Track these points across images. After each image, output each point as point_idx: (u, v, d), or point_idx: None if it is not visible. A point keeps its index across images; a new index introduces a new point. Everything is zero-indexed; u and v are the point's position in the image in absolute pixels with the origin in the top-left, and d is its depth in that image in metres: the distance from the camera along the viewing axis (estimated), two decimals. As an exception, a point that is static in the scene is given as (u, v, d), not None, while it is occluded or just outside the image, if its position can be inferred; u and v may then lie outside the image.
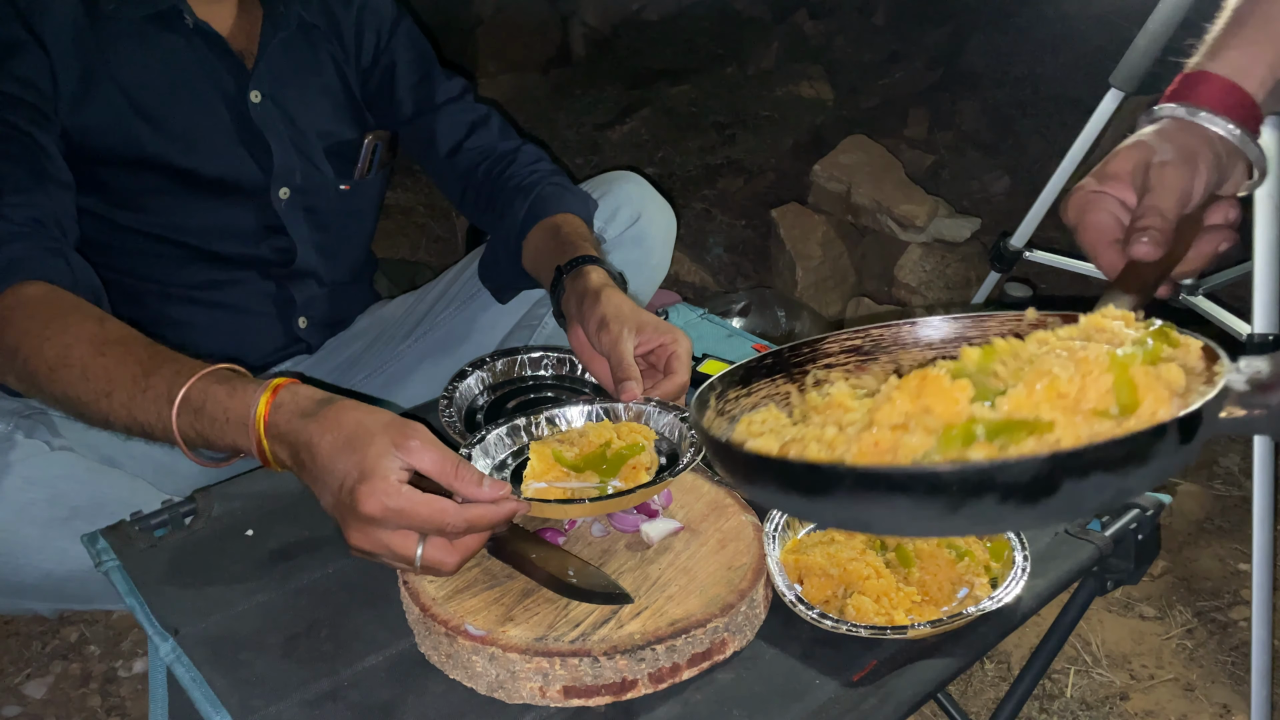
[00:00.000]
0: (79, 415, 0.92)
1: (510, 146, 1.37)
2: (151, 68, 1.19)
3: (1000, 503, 0.54)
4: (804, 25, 3.79)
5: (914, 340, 0.81)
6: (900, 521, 0.61)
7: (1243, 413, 0.59)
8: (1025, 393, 0.60)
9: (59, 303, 0.96)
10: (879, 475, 0.57)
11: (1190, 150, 0.81)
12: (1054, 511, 0.56)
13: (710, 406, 0.74)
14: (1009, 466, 0.54)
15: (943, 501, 0.54)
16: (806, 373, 0.80)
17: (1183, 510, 1.79)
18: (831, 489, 0.58)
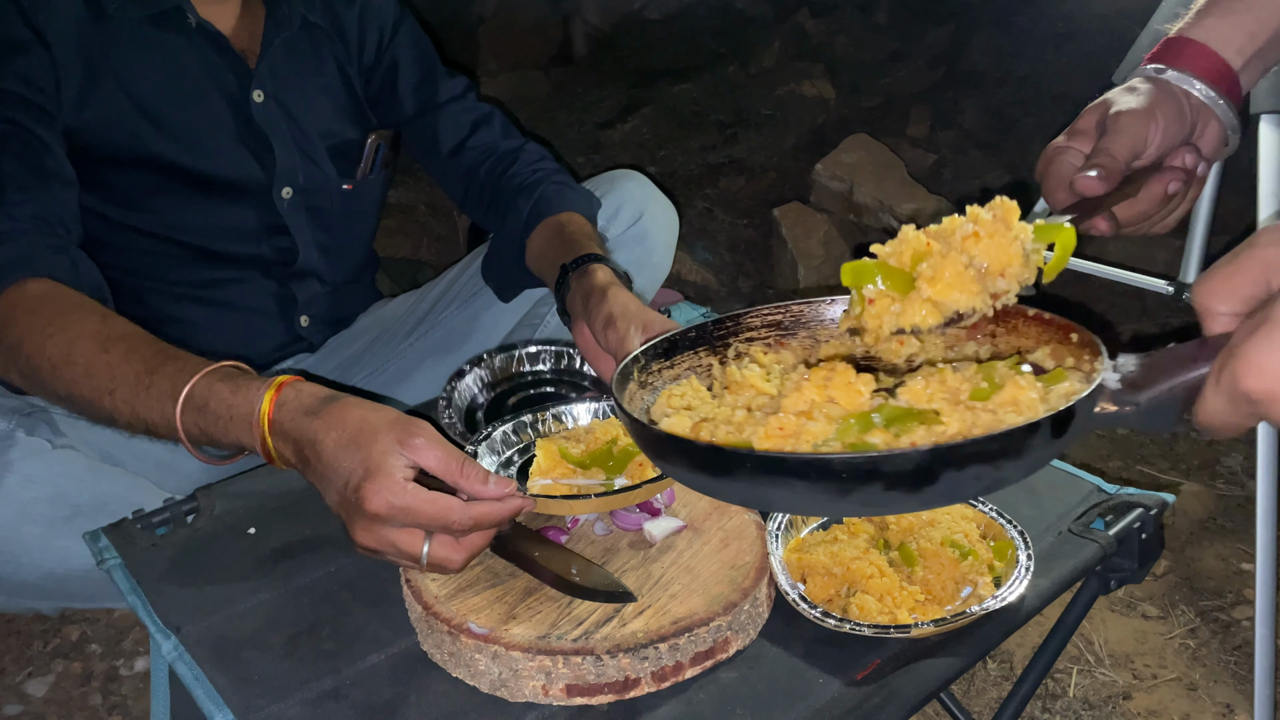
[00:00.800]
0: (82, 412, 0.92)
1: (513, 145, 1.37)
2: (154, 67, 1.19)
3: (886, 490, 0.58)
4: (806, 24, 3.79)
5: (832, 318, 0.84)
6: (796, 502, 0.66)
7: (1114, 409, 0.62)
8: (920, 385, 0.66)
9: (63, 300, 0.96)
10: (776, 460, 0.61)
11: (1151, 102, 0.83)
12: (935, 497, 0.60)
13: (633, 379, 0.76)
14: (892, 458, 0.58)
15: (834, 486, 0.59)
16: (729, 345, 0.83)
17: (1186, 510, 1.78)
18: (734, 471, 0.61)
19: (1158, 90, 0.85)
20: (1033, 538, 0.84)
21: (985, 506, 0.87)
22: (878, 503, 0.60)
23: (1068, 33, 3.28)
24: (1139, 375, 0.62)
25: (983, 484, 0.61)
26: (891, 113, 3.27)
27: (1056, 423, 0.59)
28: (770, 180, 3.07)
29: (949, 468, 0.58)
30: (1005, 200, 0.75)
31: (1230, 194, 1.70)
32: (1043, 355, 0.75)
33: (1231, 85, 0.85)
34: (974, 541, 0.84)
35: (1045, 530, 0.89)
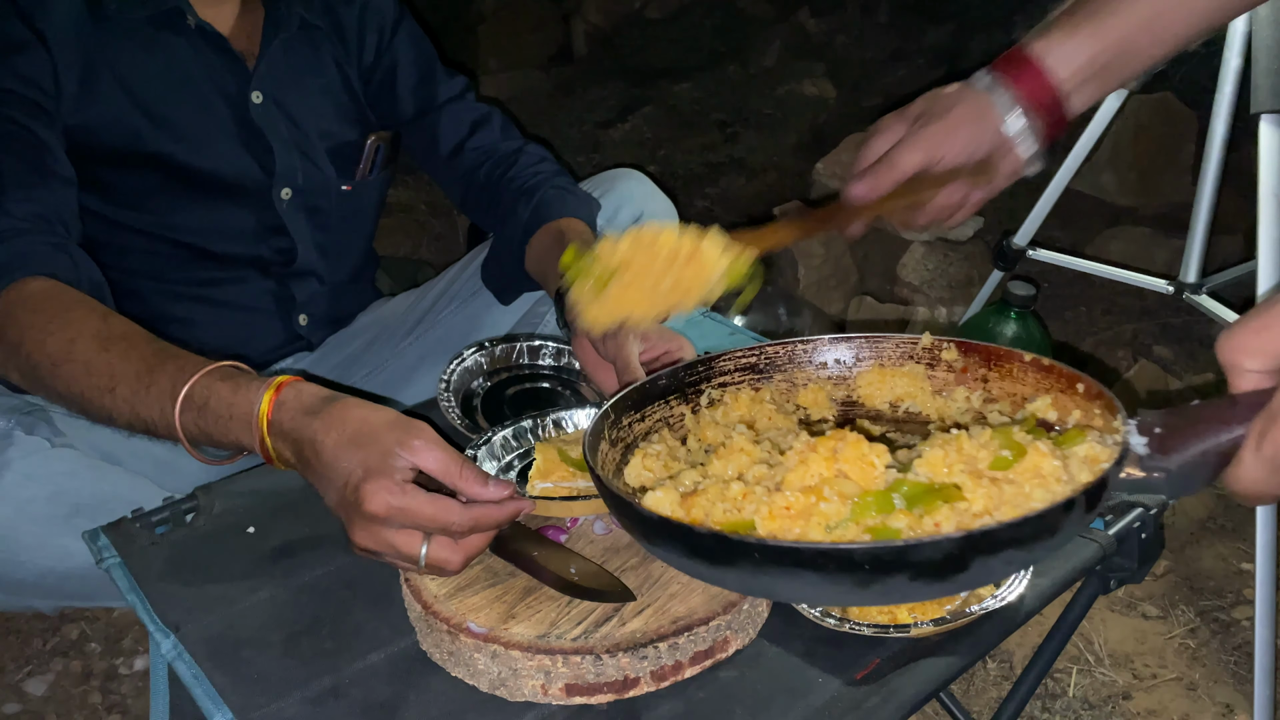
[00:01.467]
0: (81, 411, 0.92)
1: (512, 147, 1.37)
2: (153, 68, 1.19)
3: (911, 580, 0.54)
4: (806, 23, 3.78)
5: (808, 359, 0.81)
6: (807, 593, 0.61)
7: (1142, 475, 0.58)
8: (939, 456, 0.61)
9: (62, 298, 0.96)
10: (789, 551, 0.55)
11: (956, 119, 0.86)
12: (962, 584, 0.56)
13: (604, 438, 0.72)
14: (921, 547, 0.53)
15: (854, 579, 0.54)
16: (701, 392, 0.80)
17: (1186, 509, 1.78)
18: (737, 560, 0.56)
19: (974, 108, 0.87)
20: (1032, 537, 0.84)
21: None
22: (900, 593, 0.56)
23: (1068, 32, 3.27)
24: (1166, 437, 0.58)
25: (1013, 567, 0.57)
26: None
27: (1089, 497, 0.56)
28: (771, 179, 3.07)
29: (981, 554, 0.54)
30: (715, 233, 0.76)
31: (1230, 194, 1.70)
32: (1044, 405, 0.72)
33: (1056, 110, 0.86)
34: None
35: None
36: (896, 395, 0.81)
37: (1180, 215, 2.20)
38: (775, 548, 0.55)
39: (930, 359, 0.79)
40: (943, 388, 0.80)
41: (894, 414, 0.81)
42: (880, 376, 0.82)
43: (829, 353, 0.82)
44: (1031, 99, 0.86)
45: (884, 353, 0.81)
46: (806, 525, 0.59)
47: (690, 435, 0.79)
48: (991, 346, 0.76)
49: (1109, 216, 2.76)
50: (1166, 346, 2.33)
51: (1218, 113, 1.53)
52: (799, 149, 3.18)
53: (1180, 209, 2.53)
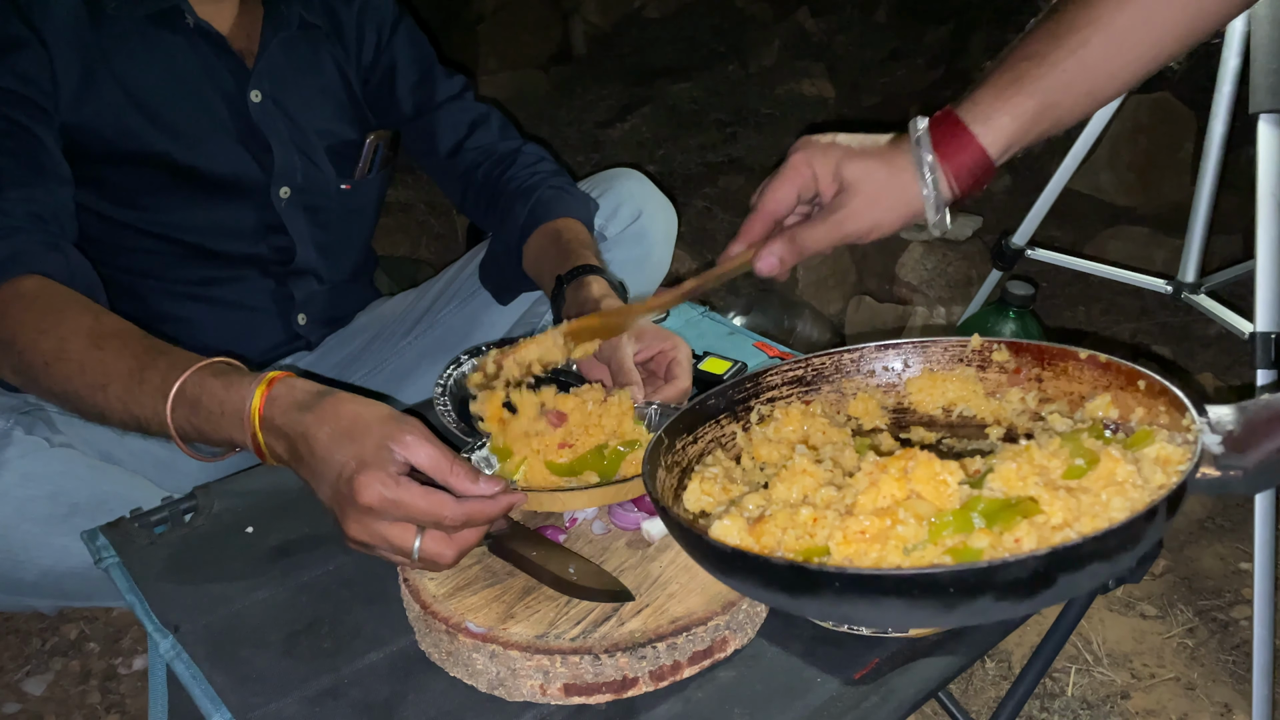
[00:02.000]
0: (75, 409, 0.92)
1: (511, 147, 1.37)
2: (152, 66, 1.19)
3: (997, 600, 0.53)
4: (805, 23, 3.78)
5: (855, 369, 0.80)
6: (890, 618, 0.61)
7: (1218, 474, 0.57)
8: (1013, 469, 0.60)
9: (56, 297, 0.96)
10: (872, 579, 0.54)
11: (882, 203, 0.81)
12: (1045, 601, 0.55)
13: (660, 464, 0.72)
14: (1007, 567, 0.52)
15: (938, 602, 0.53)
16: (750, 409, 0.79)
17: (1185, 509, 1.78)
18: (819, 590, 0.55)
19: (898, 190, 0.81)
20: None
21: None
22: (984, 613, 0.55)
23: (1067, 32, 3.27)
24: (1240, 434, 0.57)
25: (1097, 580, 0.56)
26: (891, 112, 3.27)
27: (1171, 504, 0.55)
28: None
29: (1066, 570, 0.53)
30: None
31: (1229, 193, 1.70)
32: (1103, 403, 0.71)
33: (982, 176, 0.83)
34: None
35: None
36: (949, 400, 0.80)
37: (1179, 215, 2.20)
38: (857, 575, 0.54)
39: (981, 361, 0.79)
40: (996, 389, 0.79)
41: (948, 419, 0.80)
42: (931, 382, 0.81)
43: (876, 361, 0.81)
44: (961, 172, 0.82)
45: (933, 357, 0.80)
46: (883, 549, 0.58)
47: (744, 454, 0.78)
48: (1044, 345, 0.75)
49: (1107, 216, 2.76)
50: (1165, 346, 2.33)
51: (1216, 112, 1.53)
52: (798, 149, 3.18)
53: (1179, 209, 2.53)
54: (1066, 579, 0.53)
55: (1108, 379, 0.70)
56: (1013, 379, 0.78)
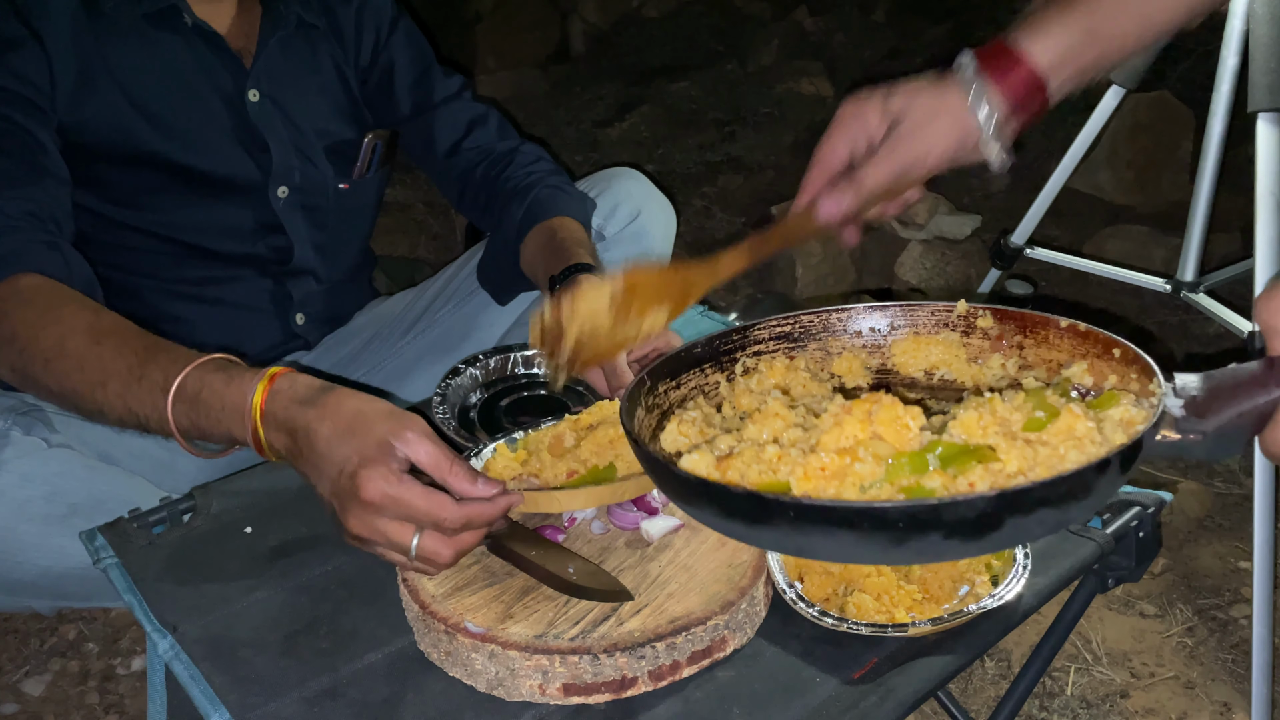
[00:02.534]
0: (73, 407, 0.92)
1: (508, 146, 1.37)
2: (150, 66, 1.19)
3: (945, 538, 0.54)
4: (804, 22, 3.78)
5: (843, 328, 0.82)
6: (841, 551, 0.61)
7: (1178, 437, 0.58)
8: (974, 418, 0.61)
9: (54, 294, 0.96)
10: (824, 509, 0.56)
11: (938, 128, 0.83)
12: (995, 543, 0.56)
13: (640, 404, 0.73)
14: (955, 505, 0.54)
15: (888, 536, 0.54)
16: (735, 360, 0.80)
17: (1183, 508, 1.79)
18: (773, 519, 0.57)
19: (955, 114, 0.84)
20: (1030, 536, 0.84)
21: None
22: (934, 551, 0.57)
23: (1066, 31, 3.27)
24: (1203, 400, 0.58)
25: (1046, 527, 0.57)
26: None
27: (1124, 458, 0.56)
28: (769, 178, 3.07)
29: (1015, 513, 0.54)
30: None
31: (1228, 192, 1.70)
32: (1079, 371, 0.72)
33: (1036, 100, 0.84)
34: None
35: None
36: (931, 363, 0.81)
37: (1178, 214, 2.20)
38: (810, 506, 0.56)
39: (965, 326, 0.79)
40: (978, 355, 0.79)
41: (929, 381, 0.81)
42: (915, 344, 0.82)
43: (864, 321, 0.82)
44: (1013, 93, 0.84)
45: (919, 320, 0.81)
46: (841, 486, 0.59)
47: (725, 403, 0.79)
48: (1028, 313, 0.76)
49: (1106, 215, 2.76)
50: (1164, 345, 2.33)
51: (1215, 111, 1.53)
52: (797, 148, 3.18)
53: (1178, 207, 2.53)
54: (1014, 522, 0.54)
55: (1085, 347, 0.71)
56: (995, 345, 0.78)
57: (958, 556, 0.66)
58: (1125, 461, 0.56)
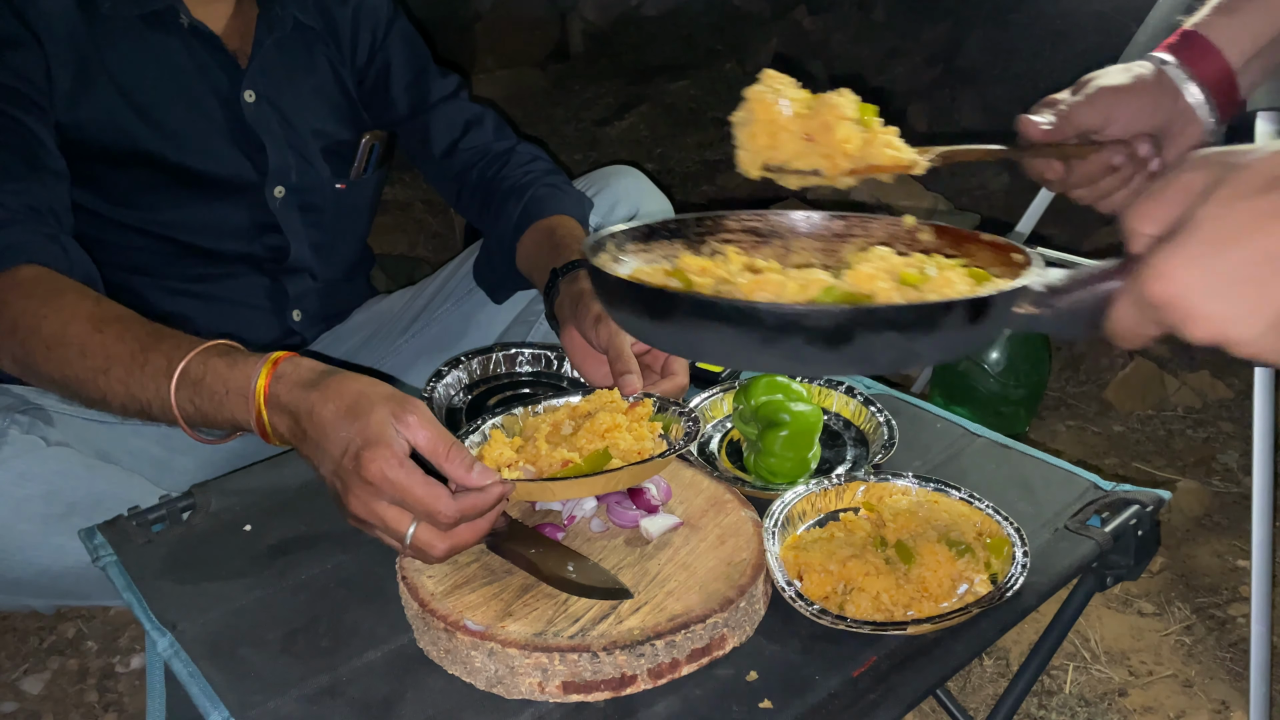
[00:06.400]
0: (76, 395, 0.92)
1: (505, 146, 1.37)
2: (147, 66, 1.19)
3: (806, 344, 0.63)
4: (803, 21, 3.78)
5: (806, 230, 0.89)
6: (724, 350, 0.69)
7: (1034, 310, 0.66)
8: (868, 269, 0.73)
9: (55, 284, 0.97)
10: (709, 303, 0.65)
11: (1135, 84, 0.90)
12: (851, 360, 0.65)
13: (606, 250, 0.80)
14: (814, 312, 0.63)
15: (759, 335, 0.63)
16: (705, 243, 0.87)
17: (1182, 507, 1.79)
18: (671, 313, 0.66)
19: (1151, 78, 0.90)
20: (1029, 535, 0.85)
21: (982, 504, 0.88)
22: (799, 357, 0.64)
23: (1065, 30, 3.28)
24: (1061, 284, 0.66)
25: (896, 353, 0.65)
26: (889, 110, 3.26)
27: (971, 307, 0.64)
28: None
29: (865, 329, 0.62)
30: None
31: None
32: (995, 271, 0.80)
33: (1229, 87, 0.90)
34: (970, 539, 0.84)
35: (1041, 527, 0.90)
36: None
37: (1176, 213, 2.19)
38: (698, 300, 0.67)
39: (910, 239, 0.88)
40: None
41: None
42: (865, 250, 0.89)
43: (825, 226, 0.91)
44: (1204, 73, 0.90)
45: (871, 229, 0.89)
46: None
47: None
48: (960, 230, 0.84)
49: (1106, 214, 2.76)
50: (1163, 344, 2.33)
51: (1214, 110, 1.53)
52: (796, 147, 3.18)
53: (1176, 207, 2.53)
54: (864, 338, 0.63)
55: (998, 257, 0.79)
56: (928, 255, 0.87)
57: (820, 367, 0.75)
58: (972, 310, 0.64)
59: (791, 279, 0.73)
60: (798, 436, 0.94)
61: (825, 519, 0.89)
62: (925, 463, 1.00)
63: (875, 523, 0.87)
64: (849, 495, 0.91)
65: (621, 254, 0.81)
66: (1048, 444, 1.97)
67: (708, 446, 1.03)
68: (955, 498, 0.89)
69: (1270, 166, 0.56)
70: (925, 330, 0.64)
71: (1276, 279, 0.55)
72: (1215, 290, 0.56)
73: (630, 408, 0.93)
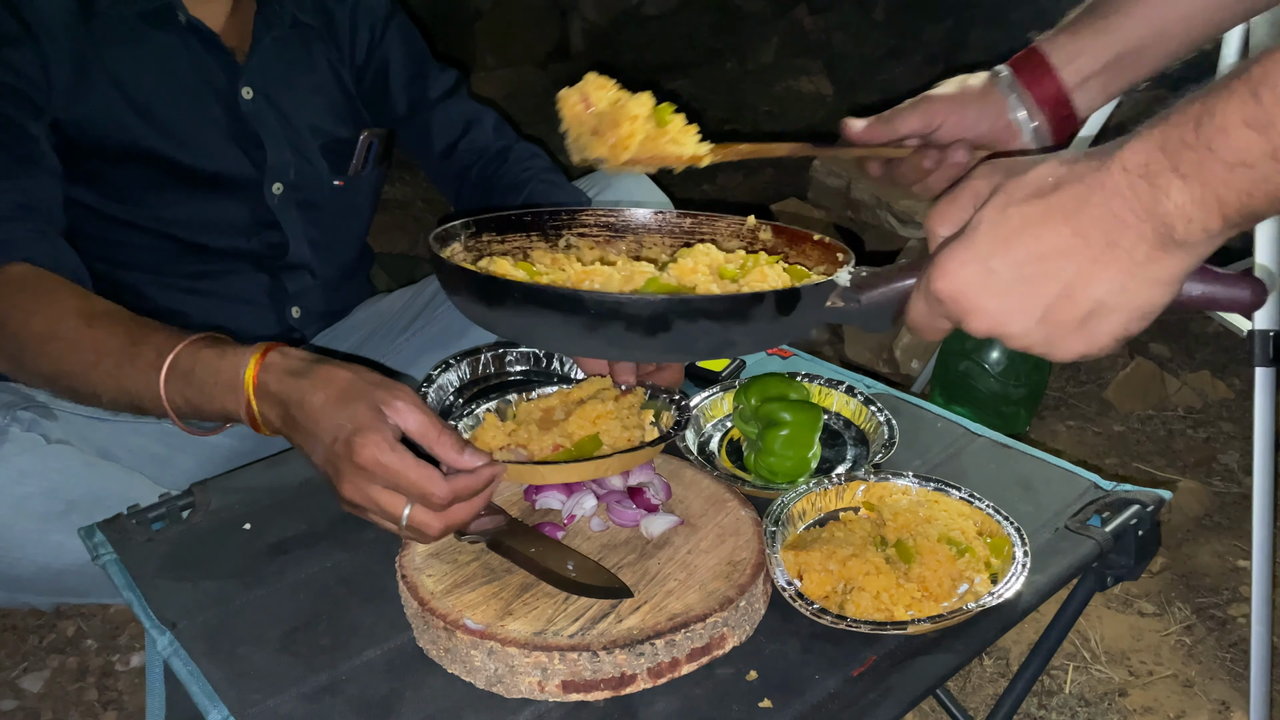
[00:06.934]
0: (66, 390, 0.92)
1: (504, 144, 1.38)
2: (145, 64, 1.19)
3: (627, 330, 0.67)
4: (803, 20, 3.78)
5: (658, 227, 0.95)
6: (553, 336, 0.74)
7: (841, 304, 0.71)
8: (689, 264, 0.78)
9: (45, 281, 0.97)
10: (537, 290, 0.70)
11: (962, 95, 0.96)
12: (670, 347, 0.69)
13: (459, 240, 0.83)
14: (633, 301, 0.67)
15: (584, 321, 0.67)
16: (561, 236, 0.91)
17: (1182, 507, 1.79)
18: (504, 300, 0.70)
19: (979, 90, 0.96)
20: (1029, 534, 0.84)
21: (982, 503, 0.87)
22: (621, 343, 0.69)
23: (1065, 30, 3.27)
24: (867, 279, 0.71)
25: (711, 341, 0.70)
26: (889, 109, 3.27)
27: (780, 299, 0.69)
28: (768, 177, 3.07)
29: (680, 318, 0.67)
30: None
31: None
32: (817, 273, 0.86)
33: (1063, 105, 0.94)
34: (970, 538, 0.84)
35: (1042, 527, 0.89)
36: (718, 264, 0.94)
37: (1177, 213, 2.19)
38: (527, 287, 0.71)
39: (752, 237, 0.94)
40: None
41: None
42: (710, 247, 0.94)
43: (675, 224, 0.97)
44: (1037, 92, 0.93)
45: (718, 229, 0.96)
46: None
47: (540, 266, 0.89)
48: (794, 228, 0.90)
49: (1106, 214, 2.76)
50: (1163, 344, 2.33)
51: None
52: (796, 146, 3.18)
53: (1177, 207, 2.52)
54: (681, 327, 0.67)
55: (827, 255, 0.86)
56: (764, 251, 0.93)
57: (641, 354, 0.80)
58: (781, 301, 0.69)
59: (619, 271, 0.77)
60: (798, 436, 0.94)
61: (825, 518, 0.89)
62: (925, 462, 1.00)
63: (875, 522, 0.87)
64: (849, 495, 0.91)
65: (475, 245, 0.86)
66: (1048, 444, 1.97)
67: (708, 446, 1.03)
68: (955, 497, 0.89)
69: (1042, 174, 0.61)
70: (737, 320, 0.69)
71: (1041, 278, 0.60)
72: (989, 288, 0.62)
73: (621, 395, 0.94)
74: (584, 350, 0.86)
